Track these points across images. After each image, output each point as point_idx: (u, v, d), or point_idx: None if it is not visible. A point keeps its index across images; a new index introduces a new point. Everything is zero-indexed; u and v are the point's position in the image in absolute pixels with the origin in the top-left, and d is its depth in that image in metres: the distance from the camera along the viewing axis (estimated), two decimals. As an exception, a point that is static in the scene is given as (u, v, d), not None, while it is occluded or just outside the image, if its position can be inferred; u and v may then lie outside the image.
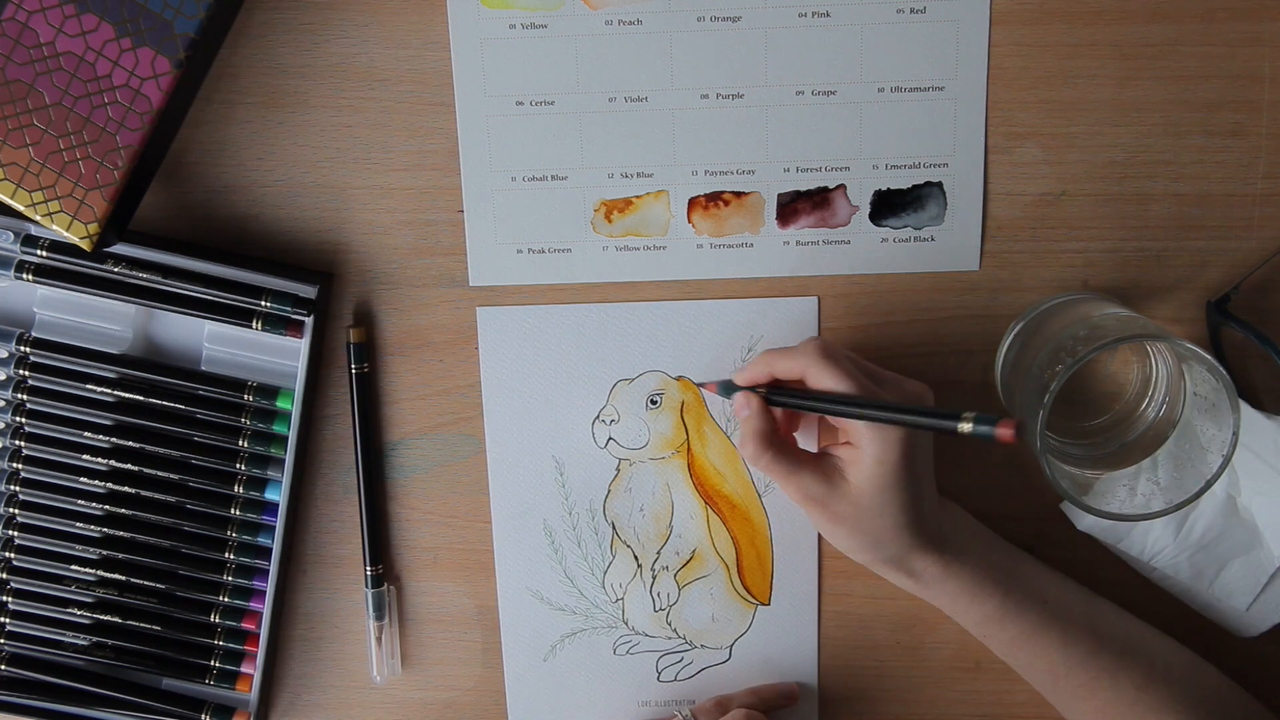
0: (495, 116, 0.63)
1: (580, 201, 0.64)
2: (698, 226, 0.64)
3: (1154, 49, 0.62)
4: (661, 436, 0.66)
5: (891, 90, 0.62)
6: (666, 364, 0.65)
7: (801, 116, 0.63)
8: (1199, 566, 0.64)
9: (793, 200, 0.64)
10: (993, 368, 0.65)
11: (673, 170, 0.64)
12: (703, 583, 0.67)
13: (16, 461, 0.66)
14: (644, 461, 0.66)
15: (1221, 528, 0.62)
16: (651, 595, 0.68)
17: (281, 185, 0.64)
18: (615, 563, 0.67)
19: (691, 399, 0.66)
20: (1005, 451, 0.66)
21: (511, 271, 0.65)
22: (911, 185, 0.63)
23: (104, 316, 0.65)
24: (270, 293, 0.63)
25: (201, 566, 0.67)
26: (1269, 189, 0.63)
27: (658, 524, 0.67)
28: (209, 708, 0.67)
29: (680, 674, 0.68)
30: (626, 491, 0.67)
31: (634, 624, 0.68)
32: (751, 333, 0.65)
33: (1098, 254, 0.64)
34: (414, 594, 0.68)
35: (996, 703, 0.68)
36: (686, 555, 0.67)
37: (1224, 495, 0.62)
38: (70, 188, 0.58)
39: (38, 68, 0.57)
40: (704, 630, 0.68)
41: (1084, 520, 0.64)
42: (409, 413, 0.67)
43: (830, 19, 0.61)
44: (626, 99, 0.63)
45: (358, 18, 0.63)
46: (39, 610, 0.67)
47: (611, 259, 0.64)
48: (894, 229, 0.64)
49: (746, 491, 0.66)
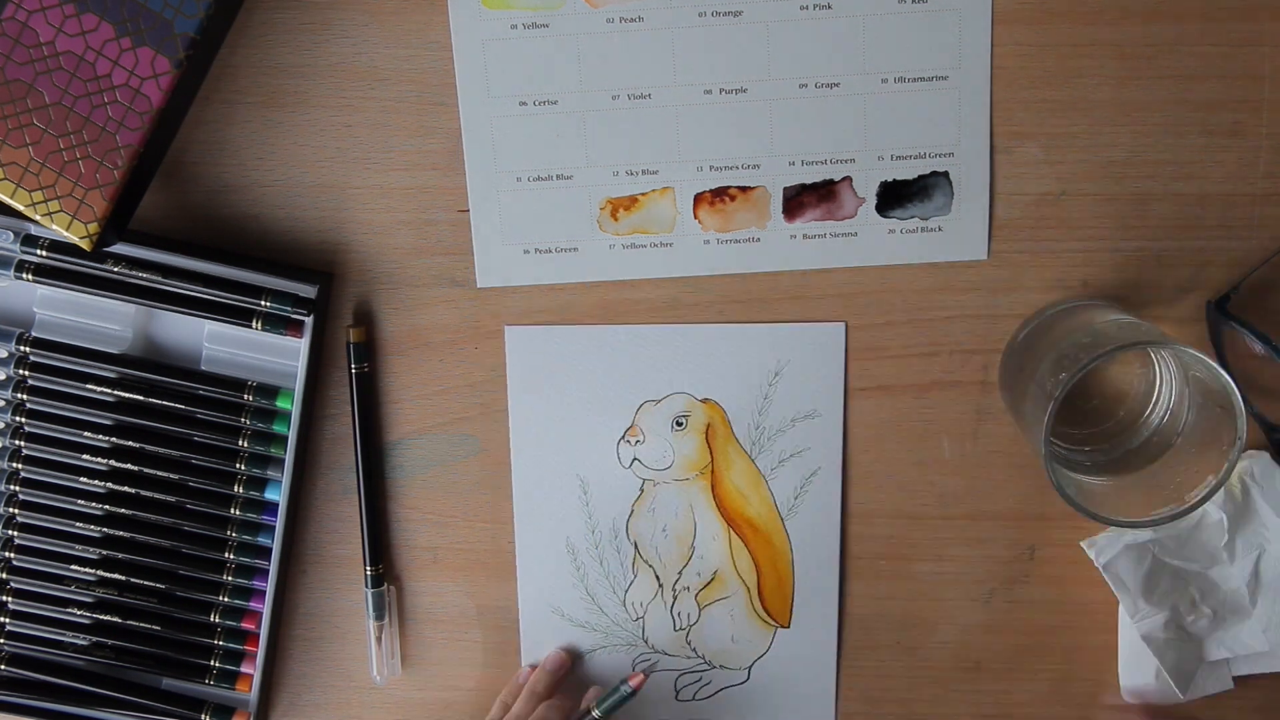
0: (499, 118, 0.63)
1: (586, 200, 0.64)
2: (704, 222, 0.64)
3: (1154, 49, 0.62)
4: (686, 458, 0.66)
5: (895, 81, 0.62)
6: (693, 387, 0.65)
7: (805, 109, 0.63)
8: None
9: (798, 194, 0.64)
10: (993, 368, 0.65)
11: (678, 166, 0.63)
12: (723, 604, 0.67)
13: (16, 461, 0.66)
14: (668, 483, 0.66)
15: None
16: (672, 615, 0.68)
17: (281, 185, 0.64)
18: (637, 582, 0.67)
19: (717, 421, 0.66)
20: (1007, 452, 0.66)
21: (519, 272, 0.65)
22: (917, 176, 0.63)
23: (104, 316, 0.65)
24: (270, 292, 0.63)
25: (201, 566, 0.66)
26: (1269, 189, 0.63)
27: (680, 545, 0.67)
28: (209, 708, 0.67)
29: (699, 694, 0.69)
30: (650, 512, 0.67)
31: (654, 643, 0.68)
32: (779, 356, 0.65)
33: (1098, 254, 0.64)
34: (414, 594, 0.68)
35: (996, 703, 0.68)
36: (708, 576, 0.67)
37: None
38: (70, 187, 0.58)
39: (38, 67, 0.57)
40: (723, 651, 0.68)
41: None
42: (409, 413, 0.67)
43: (832, 11, 0.61)
44: (630, 96, 0.63)
45: (358, 18, 0.63)
46: (39, 610, 0.67)
47: (619, 257, 0.64)
48: (901, 220, 0.64)
49: (769, 514, 0.66)
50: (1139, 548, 0.64)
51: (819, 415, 0.65)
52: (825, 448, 0.65)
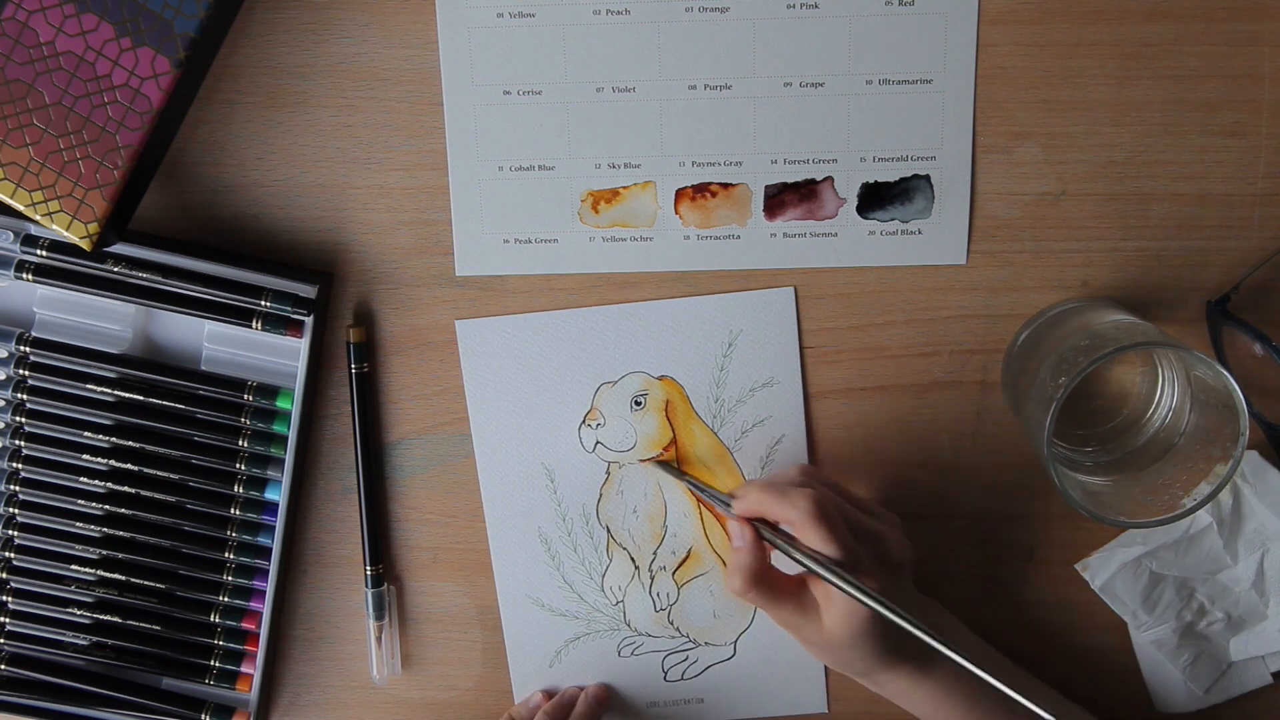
0: (482, 105, 0.63)
1: (567, 192, 0.64)
2: (685, 218, 0.64)
3: (1154, 49, 0.62)
4: (648, 437, 0.66)
5: (880, 83, 0.62)
6: (648, 364, 0.65)
7: (789, 108, 0.63)
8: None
9: (780, 192, 0.64)
10: (993, 368, 0.65)
11: (660, 161, 0.63)
12: (701, 580, 0.67)
13: (16, 461, 0.66)
14: (633, 463, 0.66)
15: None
16: (651, 596, 0.68)
17: (281, 185, 0.64)
18: (612, 566, 0.67)
19: (676, 397, 0.66)
20: (1007, 452, 0.66)
21: (498, 262, 0.65)
22: (899, 178, 0.63)
23: (104, 316, 0.65)
24: (270, 292, 0.63)
25: (201, 566, 0.66)
26: (1269, 189, 0.63)
27: (652, 524, 0.67)
28: (209, 708, 0.67)
29: (687, 673, 0.68)
30: (618, 494, 0.67)
31: (636, 625, 0.68)
32: (731, 327, 0.65)
33: (1098, 254, 0.64)
34: (414, 594, 0.68)
35: (996, 703, 0.68)
36: (683, 554, 0.67)
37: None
38: (70, 187, 0.58)
39: (38, 67, 0.57)
40: (707, 627, 0.68)
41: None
42: (409, 413, 0.67)
43: (819, 10, 0.61)
44: (614, 89, 0.63)
45: (358, 18, 0.63)
46: (39, 610, 0.67)
47: (598, 250, 0.64)
48: (881, 221, 0.64)
49: (737, 485, 0.66)
50: (1133, 564, 0.64)
51: (777, 382, 0.65)
52: (787, 414, 0.65)
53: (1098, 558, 0.65)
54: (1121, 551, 0.64)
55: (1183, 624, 0.65)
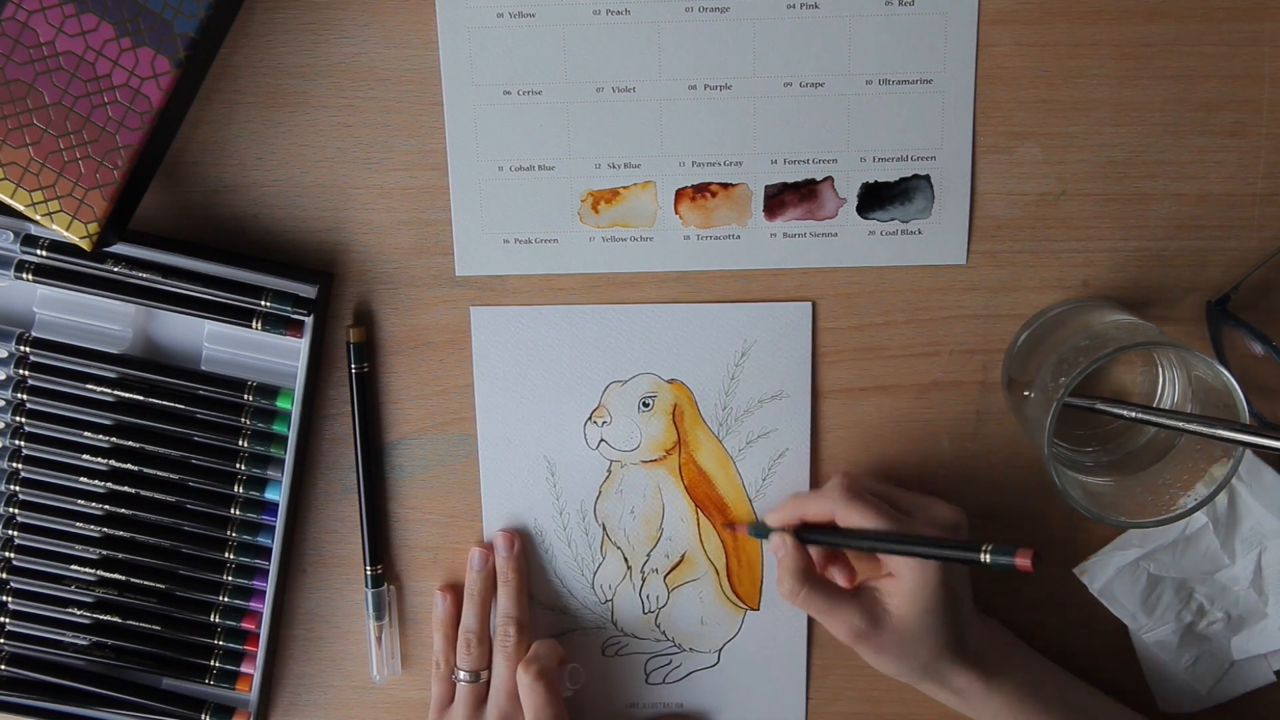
0: (482, 105, 0.63)
1: (567, 192, 0.64)
2: (685, 218, 0.64)
3: (1154, 49, 0.62)
4: (653, 439, 0.66)
5: (880, 83, 0.62)
6: (660, 367, 0.65)
7: (789, 108, 0.63)
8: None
9: (780, 192, 0.64)
10: (993, 368, 0.65)
11: (660, 161, 0.63)
12: (692, 586, 0.67)
13: (16, 461, 0.66)
14: (635, 464, 0.66)
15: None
16: (640, 597, 0.68)
17: (281, 185, 0.64)
18: (605, 564, 0.67)
19: (684, 402, 0.66)
20: (1007, 452, 0.66)
21: (498, 262, 0.65)
22: (899, 178, 0.63)
23: (104, 316, 0.65)
24: (270, 292, 0.63)
25: (201, 566, 0.66)
26: (1269, 189, 0.63)
27: (648, 526, 0.67)
28: (209, 708, 0.67)
29: (668, 677, 0.68)
30: (617, 493, 0.67)
31: (623, 625, 0.68)
32: (745, 336, 0.65)
33: (1098, 254, 0.64)
34: (414, 594, 0.68)
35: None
36: (676, 558, 0.67)
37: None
38: (70, 187, 0.58)
39: (38, 67, 0.57)
40: (693, 633, 0.68)
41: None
42: (409, 413, 0.67)
43: (819, 11, 0.61)
44: (614, 89, 0.63)
45: (358, 18, 0.63)
46: (39, 610, 0.67)
47: (599, 250, 0.64)
48: (881, 222, 0.64)
49: (737, 496, 0.66)
50: (1131, 567, 0.64)
51: (786, 396, 0.65)
52: (793, 429, 0.65)
53: (1095, 562, 0.65)
54: (1119, 555, 0.64)
55: (1183, 624, 0.65)
